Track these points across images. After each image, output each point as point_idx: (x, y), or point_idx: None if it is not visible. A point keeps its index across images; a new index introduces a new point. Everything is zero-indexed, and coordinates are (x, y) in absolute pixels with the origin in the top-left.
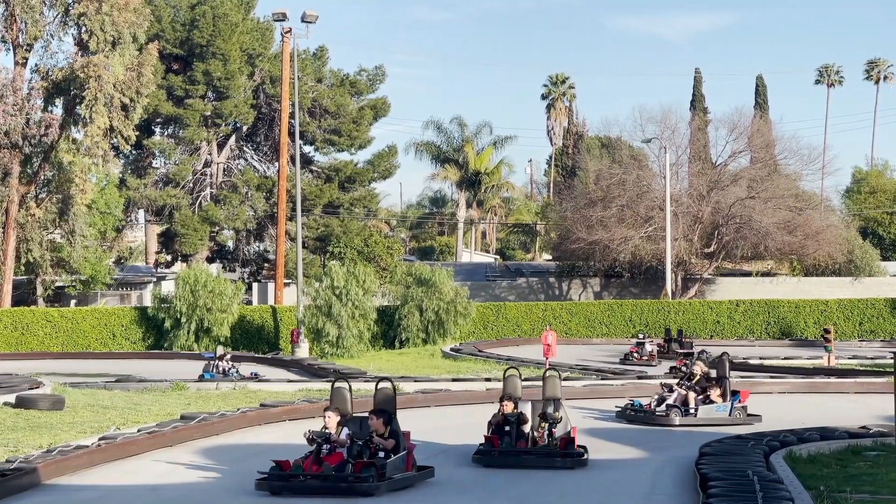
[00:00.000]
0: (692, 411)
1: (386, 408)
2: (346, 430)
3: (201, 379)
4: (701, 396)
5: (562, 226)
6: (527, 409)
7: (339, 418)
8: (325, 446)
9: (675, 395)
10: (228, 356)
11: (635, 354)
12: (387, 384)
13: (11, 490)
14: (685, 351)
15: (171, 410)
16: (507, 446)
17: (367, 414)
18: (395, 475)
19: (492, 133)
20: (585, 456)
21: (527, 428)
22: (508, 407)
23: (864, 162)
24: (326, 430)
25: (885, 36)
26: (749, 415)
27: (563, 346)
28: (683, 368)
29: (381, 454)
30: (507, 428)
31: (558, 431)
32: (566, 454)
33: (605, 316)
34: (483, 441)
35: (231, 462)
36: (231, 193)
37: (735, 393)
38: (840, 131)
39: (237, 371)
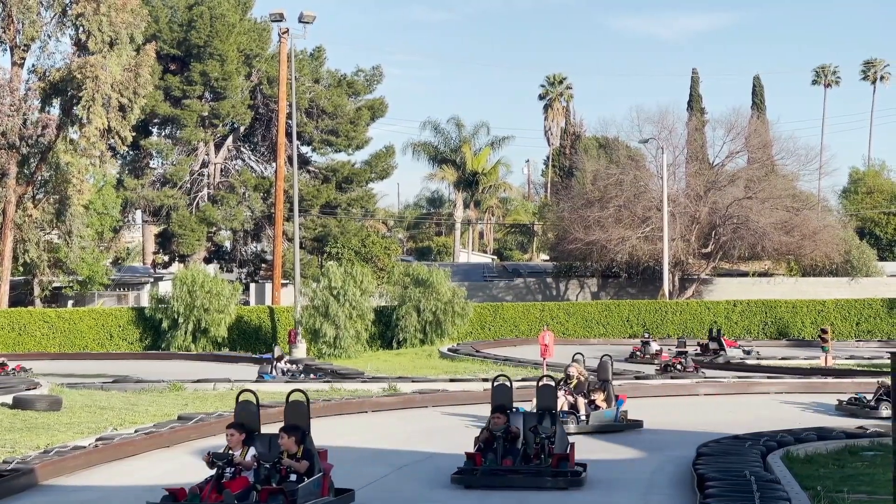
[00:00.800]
0: (583, 418)
1: (298, 423)
2: (252, 451)
3: (260, 380)
4: (586, 401)
5: (559, 226)
6: (519, 421)
7: (243, 436)
8: (227, 470)
9: (561, 400)
10: (286, 357)
11: (638, 353)
12: (299, 395)
13: (9, 491)
14: (679, 349)
15: (168, 411)
16: (490, 464)
17: (277, 432)
18: (308, 502)
19: (489, 133)
20: (583, 475)
21: (519, 443)
22: (499, 420)
23: (861, 162)
24: (230, 451)
25: (882, 36)
26: (630, 420)
27: (561, 346)
28: (678, 367)
29: (293, 477)
30: (495, 444)
31: (556, 447)
32: (557, 473)
33: (603, 316)
34: (466, 459)
35: None
36: (228, 194)
37: (617, 397)
38: (837, 132)
39: (301, 371)
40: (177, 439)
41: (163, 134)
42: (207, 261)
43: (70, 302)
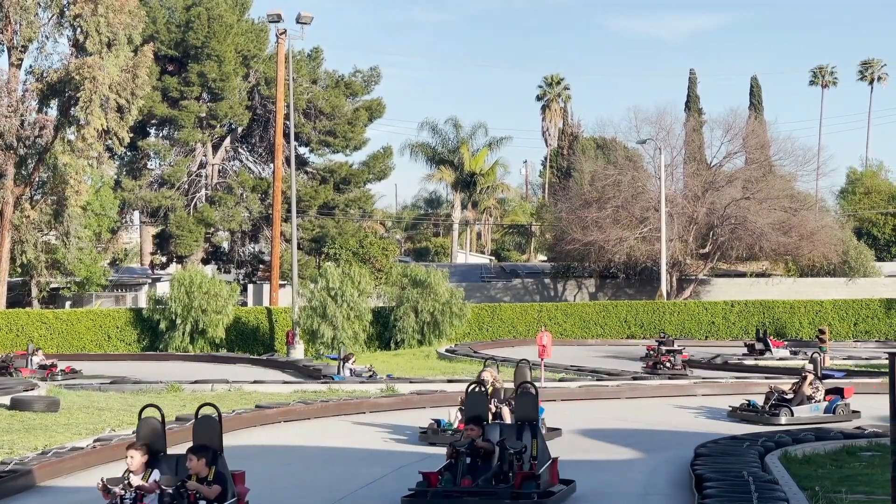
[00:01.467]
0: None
1: (209, 442)
2: (155, 474)
3: (329, 381)
4: (510, 409)
5: (557, 227)
6: (496, 434)
7: (146, 458)
8: (127, 496)
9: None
10: (353, 358)
11: (652, 353)
12: (209, 409)
13: (6, 492)
14: (669, 348)
15: (166, 412)
16: (446, 484)
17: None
18: None
19: (487, 134)
20: (557, 493)
21: (495, 459)
22: (472, 433)
23: (859, 163)
24: (129, 475)
25: (879, 36)
26: (550, 428)
27: (558, 346)
28: (668, 364)
29: None
30: (468, 460)
31: (538, 462)
32: (520, 495)
33: (600, 317)
34: (422, 478)
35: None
36: (226, 195)
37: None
38: (835, 132)
39: (373, 372)
40: (174, 440)
41: (160, 135)
42: (205, 262)
43: (68, 303)
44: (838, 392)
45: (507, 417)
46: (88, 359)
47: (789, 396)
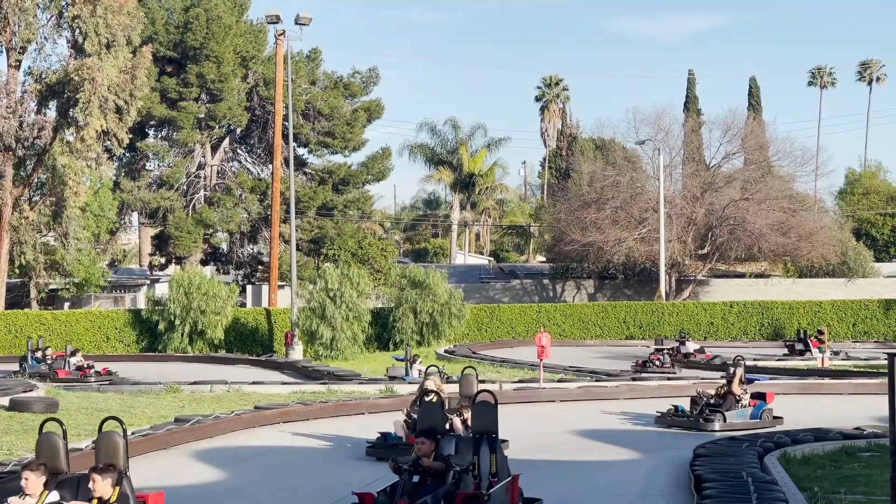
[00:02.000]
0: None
1: (113, 460)
2: (54, 495)
3: (402, 381)
4: (461, 420)
5: (556, 227)
6: (451, 448)
7: (44, 478)
8: None
9: None
10: (420, 359)
11: (672, 351)
12: (113, 423)
13: (6, 493)
14: (658, 346)
15: (165, 413)
16: None
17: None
18: None
19: (486, 135)
20: None
21: (450, 476)
22: (423, 447)
23: (857, 163)
24: (26, 497)
25: (878, 37)
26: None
27: (557, 347)
28: (657, 363)
29: None
30: (415, 479)
31: (498, 479)
32: None
33: (599, 317)
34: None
35: (225, 464)
36: (225, 196)
37: None
38: (833, 133)
39: (447, 375)
40: (173, 441)
41: (159, 136)
42: (204, 263)
43: (66, 304)
44: (761, 397)
45: (459, 429)
46: (87, 360)
47: (713, 401)
